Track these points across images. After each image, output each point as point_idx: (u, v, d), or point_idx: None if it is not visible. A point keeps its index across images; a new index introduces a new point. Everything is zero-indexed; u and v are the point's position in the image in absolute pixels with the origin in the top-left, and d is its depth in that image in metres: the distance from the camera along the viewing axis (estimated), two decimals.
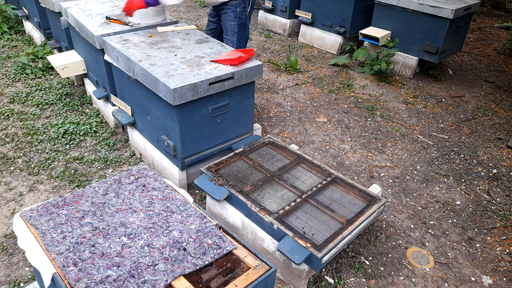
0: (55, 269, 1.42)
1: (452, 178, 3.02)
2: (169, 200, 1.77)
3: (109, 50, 2.75)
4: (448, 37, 4.27)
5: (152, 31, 2.95)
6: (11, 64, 4.24)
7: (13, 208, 2.47)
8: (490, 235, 2.53)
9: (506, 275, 2.25)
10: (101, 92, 3.24)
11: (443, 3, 4.21)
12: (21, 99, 3.60)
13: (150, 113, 2.60)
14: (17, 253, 2.19)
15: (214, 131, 2.55)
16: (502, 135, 3.62)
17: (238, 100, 2.58)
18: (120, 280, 1.38)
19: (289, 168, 2.43)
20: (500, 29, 6.67)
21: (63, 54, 3.58)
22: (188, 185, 2.71)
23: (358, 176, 2.97)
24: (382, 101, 4.08)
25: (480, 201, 2.80)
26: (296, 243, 1.87)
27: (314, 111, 3.80)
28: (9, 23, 5.15)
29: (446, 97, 4.29)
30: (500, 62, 5.33)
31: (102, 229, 1.59)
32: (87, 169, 2.84)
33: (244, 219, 2.16)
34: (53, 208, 1.68)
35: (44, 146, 3.03)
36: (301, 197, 2.18)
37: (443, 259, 2.34)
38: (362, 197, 2.24)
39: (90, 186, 1.83)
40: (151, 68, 2.36)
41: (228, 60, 2.47)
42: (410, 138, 3.49)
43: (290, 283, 2.06)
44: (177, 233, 1.60)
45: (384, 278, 2.19)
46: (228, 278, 1.45)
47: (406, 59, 4.62)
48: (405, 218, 2.61)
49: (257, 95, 4.00)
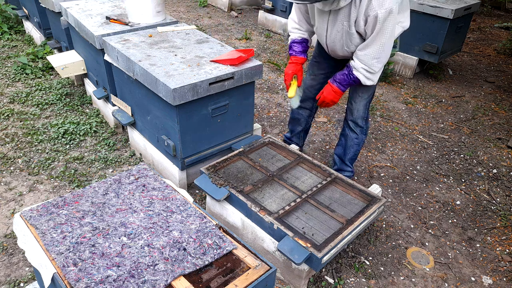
0: (55, 269, 1.42)
1: (452, 178, 3.02)
2: (169, 200, 1.77)
3: (109, 50, 2.75)
4: (448, 37, 4.27)
5: (152, 31, 2.95)
6: (11, 64, 4.24)
7: (13, 208, 2.47)
8: (490, 235, 2.53)
9: (506, 275, 2.25)
10: (101, 92, 3.24)
11: (443, 3, 4.21)
12: (21, 99, 3.60)
13: (150, 113, 2.60)
14: (17, 253, 2.19)
15: (214, 131, 2.55)
16: (502, 135, 3.62)
17: (238, 100, 2.58)
18: (120, 280, 1.38)
19: (289, 168, 2.43)
20: (500, 29, 6.67)
21: (63, 54, 3.58)
22: (188, 185, 2.71)
23: (358, 176, 2.97)
24: (382, 101, 4.08)
25: (480, 201, 2.80)
26: (296, 243, 1.87)
27: (315, 113, 3.80)
28: (9, 23, 5.15)
29: (446, 97, 4.29)
30: (500, 62, 5.33)
31: (102, 229, 1.59)
32: (87, 169, 2.84)
33: (244, 219, 2.16)
34: (53, 208, 1.68)
35: (44, 146, 3.03)
36: (301, 197, 2.18)
37: (443, 259, 2.34)
38: (362, 197, 2.24)
39: (90, 186, 1.83)
40: (151, 68, 2.36)
41: (228, 60, 2.46)
42: (410, 138, 3.49)
43: (290, 283, 2.06)
44: (177, 233, 1.60)
45: (384, 278, 2.19)
46: (228, 278, 1.45)
47: (406, 59, 4.62)
48: (405, 218, 2.61)
49: (257, 95, 4.00)
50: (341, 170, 2.76)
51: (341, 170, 2.77)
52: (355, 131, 2.59)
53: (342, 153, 2.70)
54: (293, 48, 2.38)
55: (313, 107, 2.77)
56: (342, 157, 2.72)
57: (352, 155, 2.69)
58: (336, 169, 2.78)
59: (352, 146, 2.64)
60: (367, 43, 2.13)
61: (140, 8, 3.04)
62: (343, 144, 2.67)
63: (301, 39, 2.37)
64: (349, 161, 2.71)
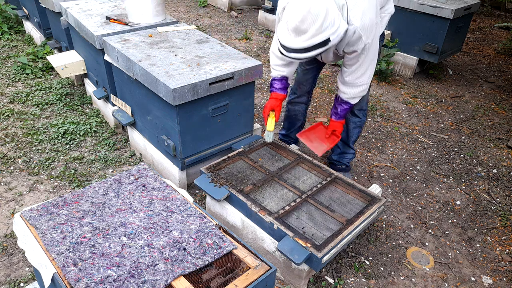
0: (55, 269, 1.42)
1: (452, 178, 3.02)
2: (169, 200, 1.77)
3: (109, 50, 2.75)
4: (448, 37, 4.27)
5: (152, 31, 2.95)
6: (11, 64, 4.24)
7: (13, 208, 2.47)
8: (490, 235, 2.53)
9: (506, 275, 2.25)
10: (101, 92, 3.24)
11: (443, 3, 4.21)
12: (21, 99, 3.60)
13: (150, 113, 2.60)
14: (17, 253, 2.19)
15: (214, 131, 2.55)
16: (502, 135, 3.62)
17: (238, 100, 2.58)
18: (120, 280, 1.38)
19: (289, 168, 2.43)
20: (500, 29, 6.67)
21: (63, 54, 3.58)
22: (188, 185, 2.71)
23: (358, 176, 2.97)
24: (382, 101, 4.08)
25: (480, 201, 2.80)
26: (296, 243, 1.87)
27: (314, 111, 3.80)
28: (9, 23, 5.15)
29: (446, 97, 4.29)
30: (500, 62, 5.33)
31: (102, 229, 1.59)
32: (87, 169, 2.84)
33: (244, 219, 2.16)
34: (53, 208, 1.68)
35: (44, 146, 3.03)
36: (301, 197, 2.18)
37: (443, 259, 2.34)
38: (362, 197, 2.24)
39: (90, 186, 1.83)
40: (151, 68, 2.36)
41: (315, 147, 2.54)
42: (410, 138, 3.49)
43: (290, 283, 2.06)
44: (177, 233, 1.60)
45: (384, 278, 2.19)
46: (228, 278, 1.45)
47: (406, 59, 4.62)
48: (405, 218, 2.61)
49: (257, 95, 4.00)
50: (344, 153, 2.85)
51: (344, 153, 2.86)
52: (358, 115, 2.68)
53: (345, 137, 2.78)
54: (274, 86, 2.46)
55: (308, 101, 2.84)
56: (345, 141, 2.80)
57: (355, 138, 2.80)
58: (339, 153, 2.86)
59: (355, 128, 2.74)
60: (354, 70, 2.23)
61: (140, 8, 3.04)
62: (345, 129, 2.73)
63: (281, 77, 2.44)
64: (352, 143, 2.82)
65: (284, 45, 1.92)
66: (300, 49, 1.87)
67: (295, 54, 1.91)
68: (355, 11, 1.94)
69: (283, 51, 1.94)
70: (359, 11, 1.94)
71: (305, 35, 1.83)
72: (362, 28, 1.98)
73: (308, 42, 1.84)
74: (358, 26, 1.96)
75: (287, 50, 1.92)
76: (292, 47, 1.89)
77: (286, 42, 1.90)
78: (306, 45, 1.85)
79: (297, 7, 1.81)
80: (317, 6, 1.77)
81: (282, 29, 1.92)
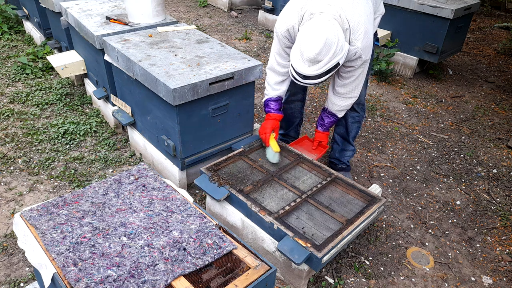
0: (55, 269, 1.42)
1: (452, 178, 3.02)
2: (169, 200, 1.77)
3: (109, 50, 2.75)
4: (448, 37, 4.27)
5: (152, 31, 2.95)
6: (11, 64, 4.24)
7: (13, 208, 2.47)
8: (490, 235, 2.53)
9: (506, 275, 2.25)
10: (101, 92, 3.24)
11: (443, 3, 4.21)
12: (21, 99, 3.60)
13: (150, 113, 2.60)
14: (17, 253, 2.19)
15: (214, 131, 2.55)
16: (502, 135, 3.62)
17: (238, 100, 2.58)
18: (120, 280, 1.38)
19: (289, 168, 2.43)
20: (500, 29, 6.67)
21: (63, 54, 3.58)
22: (188, 185, 2.71)
23: (358, 176, 2.97)
24: (382, 101, 4.08)
25: (480, 201, 2.80)
26: (296, 243, 1.87)
27: (314, 111, 3.80)
28: (9, 23, 5.15)
29: (446, 97, 4.29)
30: (500, 62, 5.33)
31: (102, 229, 1.59)
32: (87, 169, 2.84)
33: (244, 219, 2.16)
34: (53, 208, 1.68)
35: (44, 146, 3.03)
36: (301, 197, 2.18)
37: (443, 259, 2.34)
38: (362, 197, 2.24)
39: (90, 186, 1.83)
40: (151, 68, 2.36)
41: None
42: (410, 138, 3.49)
43: (290, 283, 2.06)
44: (177, 233, 1.60)
45: (384, 278, 2.19)
46: (228, 278, 1.45)
47: (406, 59, 4.62)
48: (405, 218, 2.61)
49: (257, 95, 4.00)
50: (344, 150, 2.86)
51: (344, 150, 2.86)
52: (357, 110, 2.70)
53: (345, 132, 2.79)
54: (270, 106, 2.52)
55: (303, 98, 2.87)
56: (345, 136, 2.81)
57: (355, 133, 2.81)
58: (339, 150, 2.87)
59: (354, 123, 2.75)
60: (349, 82, 2.33)
61: (140, 8, 3.04)
62: (344, 124, 2.75)
63: (277, 97, 2.51)
64: (352, 139, 2.82)
65: (300, 73, 2.01)
66: (315, 76, 1.99)
67: (309, 80, 2.02)
68: (357, 34, 2.04)
69: (299, 78, 2.03)
70: (361, 33, 2.04)
71: (320, 64, 1.94)
72: (363, 48, 2.08)
73: (322, 69, 1.95)
74: (359, 47, 2.06)
75: (303, 77, 2.02)
76: (307, 75, 1.99)
77: (302, 70, 1.99)
78: (320, 72, 1.96)
79: (312, 39, 1.90)
80: (331, 37, 1.88)
81: (296, 58, 2.00)
